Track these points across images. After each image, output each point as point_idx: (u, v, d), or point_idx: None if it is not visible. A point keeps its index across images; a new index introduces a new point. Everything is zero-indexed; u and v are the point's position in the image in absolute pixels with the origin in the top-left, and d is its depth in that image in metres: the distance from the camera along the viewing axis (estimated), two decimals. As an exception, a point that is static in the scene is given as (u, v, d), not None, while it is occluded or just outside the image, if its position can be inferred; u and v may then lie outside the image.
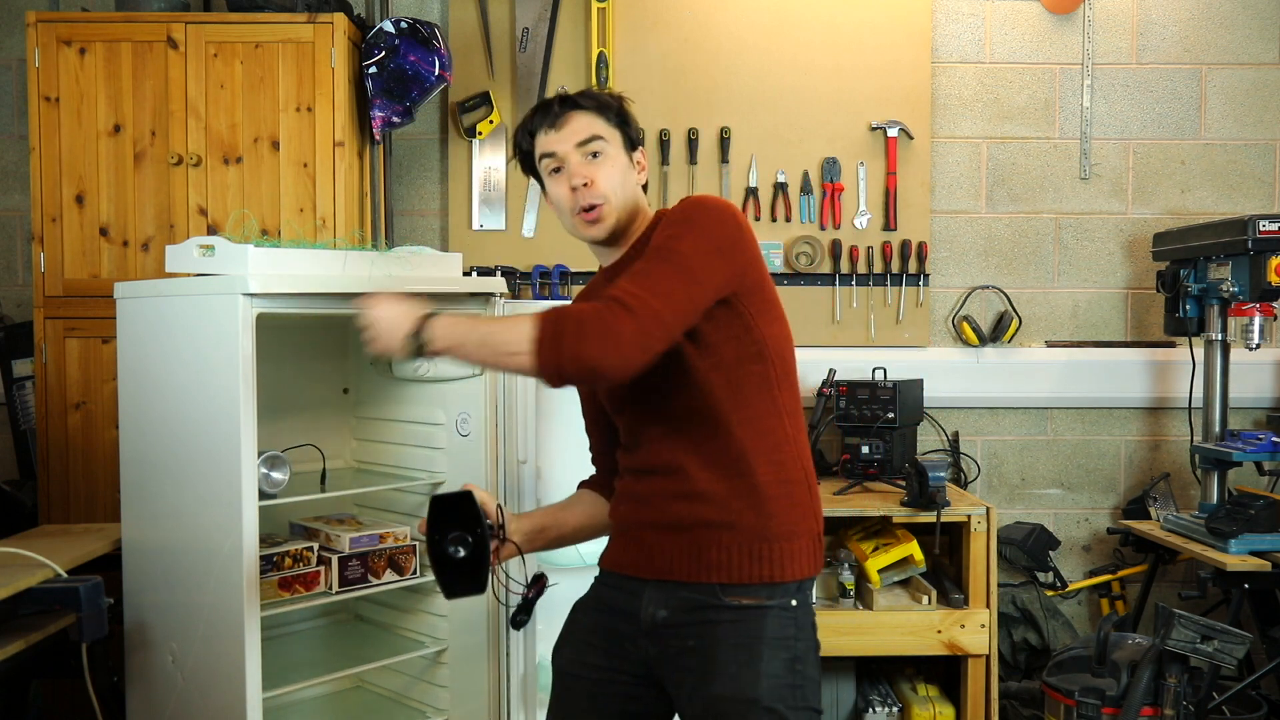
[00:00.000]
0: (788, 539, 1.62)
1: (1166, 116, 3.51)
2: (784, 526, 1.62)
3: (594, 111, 1.71)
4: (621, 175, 1.71)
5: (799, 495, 1.65)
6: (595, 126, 1.70)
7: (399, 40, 3.09)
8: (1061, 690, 2.70)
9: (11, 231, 3.45)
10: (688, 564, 1.62)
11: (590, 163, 1.69)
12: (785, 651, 1.60)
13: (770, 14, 3.44)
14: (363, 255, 2.24)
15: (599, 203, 1.68)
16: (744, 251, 1.61)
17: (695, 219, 1.59)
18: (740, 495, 1.61)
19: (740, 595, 1.60)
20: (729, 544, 1.60)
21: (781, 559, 1.61)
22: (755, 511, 1.61)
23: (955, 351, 3.49)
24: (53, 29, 2.94)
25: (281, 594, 2.27)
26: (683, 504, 1.63)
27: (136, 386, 2.28)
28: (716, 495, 1.61)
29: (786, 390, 1.65)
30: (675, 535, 1.64)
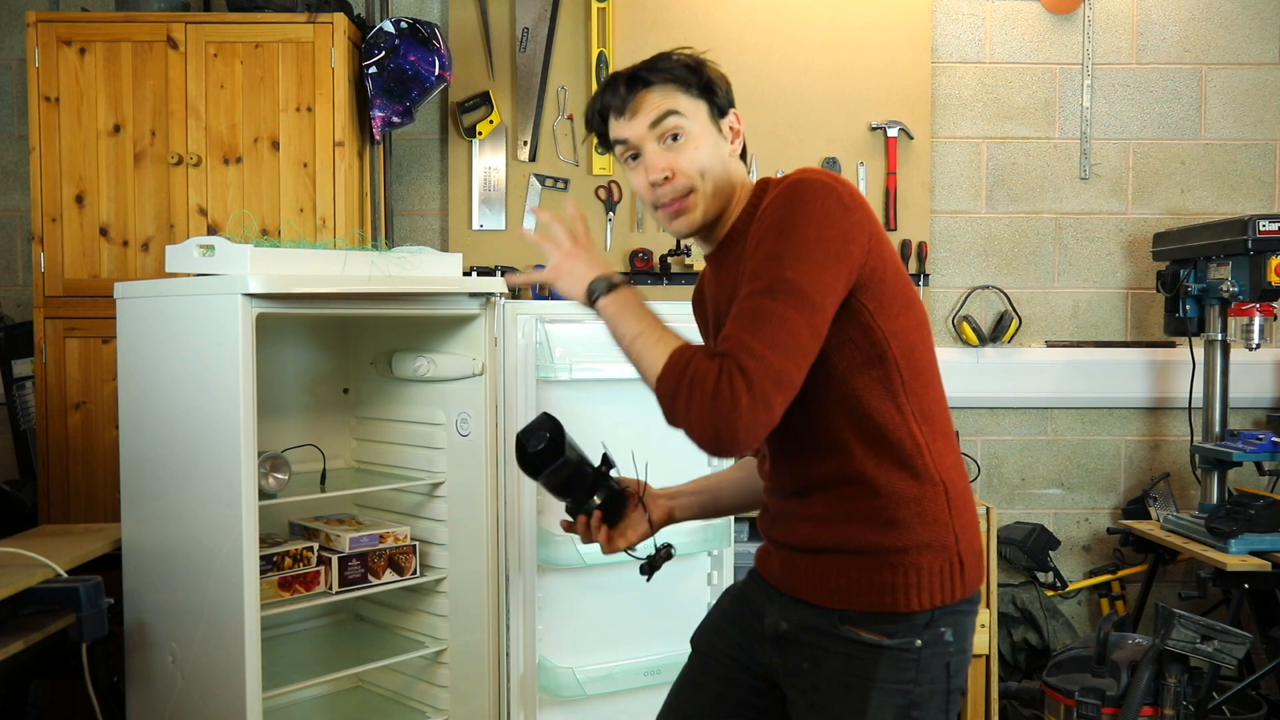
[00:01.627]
0: (914, 560, 1.42)
1: (1166, 116, 3.51)
2: (911, 545, 1.42)
3: (670, 84, 1.48)
4: (709, 154, 1.48)
5: (933, 511, 1.44)
6: (670, 102, 1.47)
7: (399, 40, 3.09)
8: (1061, 690, 2.70)
9: (11, 231, 3.45)
10: (813, 586, 1.49)
11: (669, 149, 1.47)
12: (900, 698, 1.43)
13: (770, 14, 3.44)
14: (363, 255, 2.24)
15: (682, 194, 1.48)
16: (859, 242, 1.37)
17: (799, 222, 1.36)
18: (861, 518, 1.44)
19: (859, 626, 1.44)
20: (850, 567, 1.45)
21: (906, 585, 1.42)
22: (879, 533, 1.43)
23: (955, 351, 3.49)
24: (53, 29, 2.94)
25: (281, 594, 2.27)
26: (807, 526, 1.50)
27: (136, 386, 2.28)
28: (836, 518, 1.46)
29: (916, 392, 1.44)
30: (803, 557, 1.51)
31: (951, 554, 1.44)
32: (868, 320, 1.41)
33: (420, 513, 2.61)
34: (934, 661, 1.43)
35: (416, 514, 2.62)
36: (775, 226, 1.37)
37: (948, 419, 1.51)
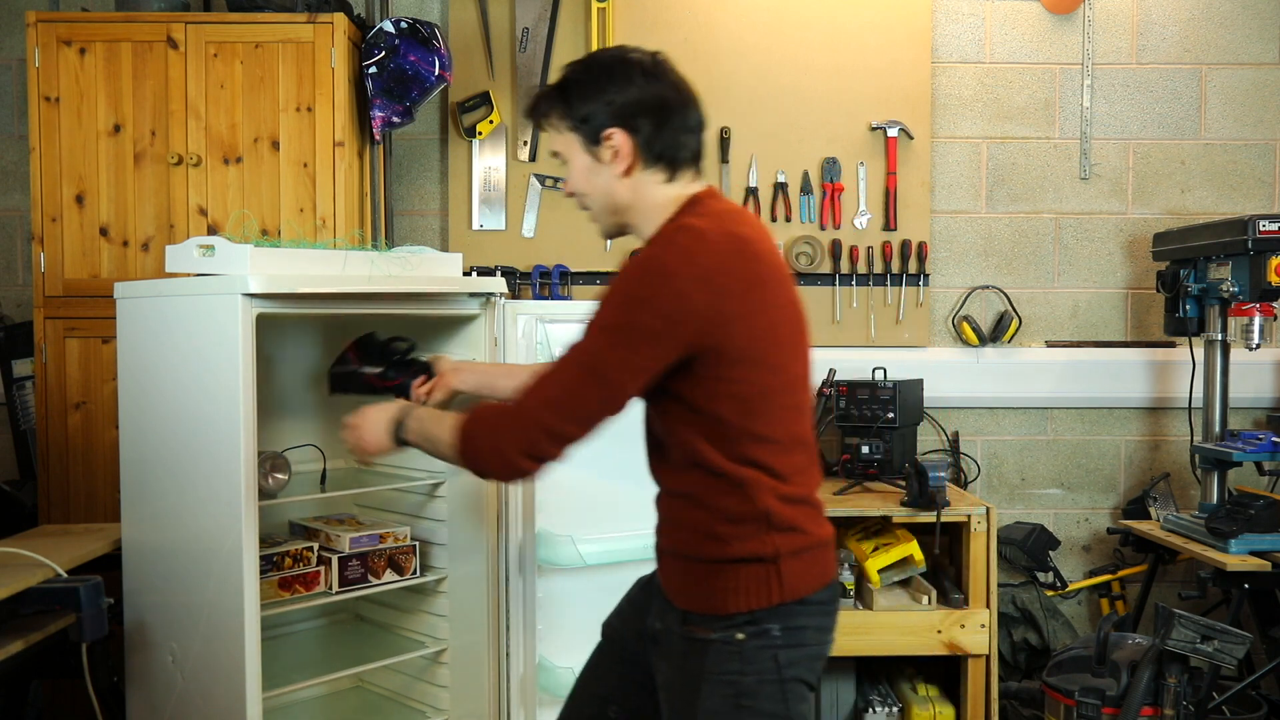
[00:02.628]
0: (733, 571, 1.57)
1: (1166, 116, 3.51)
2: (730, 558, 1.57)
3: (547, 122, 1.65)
4: (584, 181, 1.64)
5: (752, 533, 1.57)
6: (551, 139, 1.68)
7: (399, 40, 3.09)
8: (1061, 690, 2.70)
9: (11, 231, 3.45)
10: (670, 585, 1.67)
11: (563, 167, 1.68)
12: (729, 688, 1.55)
13: (770, 14, 3.44)
14: (363, 255, 2.24)
15: (583, 207, 1.68)
16: (689, 324, 1.49)
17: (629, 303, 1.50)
18: (693, 528, 1.60)
19: (694, 625, 1.59)
20: (684, 572, 1.62)
21: (725, 589, 1.57)
22: (704, 544, 1.59)
23: (955, 351, 3.49)
24: (53, 29, 2.94)
25: (281, 594, 2.27)
26: (663, 527, 1.68)
27: (136, 386, 2.28)
28: (680, 524, 1.63)
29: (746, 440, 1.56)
30: (662, 556, 1.69)
31: (769, 566, 1.56)
32: (703, 382, 1.53)
33: (420, 513, 2.61)
34: (760, 654, 1.55)
35: (416, 514, 2.62)
36: (611, 296, 1.52)
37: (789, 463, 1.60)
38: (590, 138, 1.61)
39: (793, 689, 1.58)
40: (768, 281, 1.56)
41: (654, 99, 1.62)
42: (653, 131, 1.60)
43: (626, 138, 1.60)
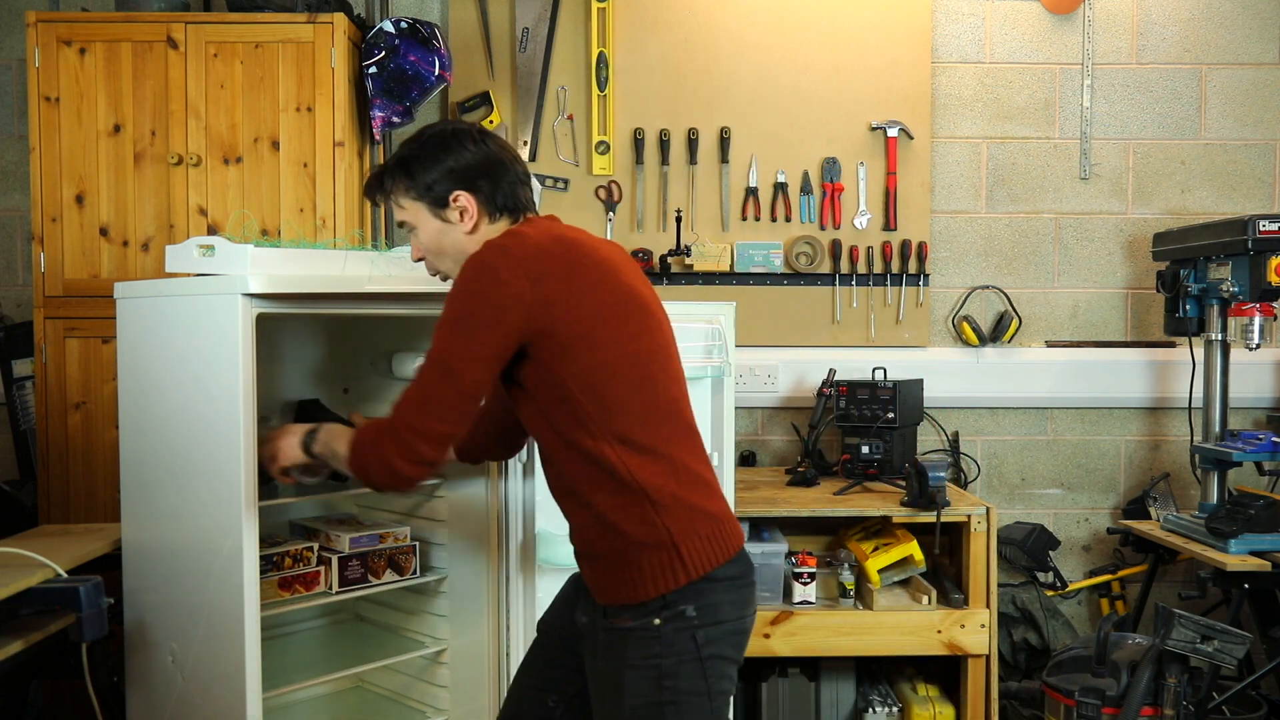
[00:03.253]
0: (637, 559, 1.65)
1: (1166, 116, 3.51)
2: (628, 546, 1.65)
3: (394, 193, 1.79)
4: (434, 240, 1.79)
5: (638, 515, 1.65)
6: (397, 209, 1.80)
7: (399, 40, 3.09)
8: (1061, 690, 2.70)
9: (11, 231, 3.45)
10: (592, 586, 1.75)
11: (412, 236, 1.82)
12: (650, 671, 1.63)
13: (770, 14, 3.44)
14: (363, 255, 2.24)
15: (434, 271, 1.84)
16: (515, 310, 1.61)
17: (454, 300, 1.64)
18: (590, 524, 1.69)
19: (614, 618, 1.68)
20: (597, 568, 1.72)
21: (632, 580, 1.65)
22: (601, 538, 1.68)
23: (955, 351, 3.49)
24: (53, 29, 2.94)
25: (281, 594, 2.27)
26: (571, 533, 1.77)
27: (136, 386, 2.28)
28: (578, 526, 1.73)
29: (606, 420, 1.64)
30: (578, 559, 1.79)
31: (666, 548, 1.64)
32: (545, 367, 1.64)
33: (420, 513, 2.61)
34: (678, 636, 1.63)
35: (416, 514, 2.62)
36: (450, 296, 1.65)
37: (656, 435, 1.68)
38: (438, 203, 1.76)
39: (713, 666, 1.65)
40: (589, 268, 1.67)
41: (487, 159, 1.77)
42: (492, 188, 1.76)
43: (470, 198, 1.76)
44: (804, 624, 2.81)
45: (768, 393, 3.46)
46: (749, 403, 3.47)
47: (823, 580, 2.94)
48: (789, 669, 3.01)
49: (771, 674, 3.01)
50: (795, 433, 3.44)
